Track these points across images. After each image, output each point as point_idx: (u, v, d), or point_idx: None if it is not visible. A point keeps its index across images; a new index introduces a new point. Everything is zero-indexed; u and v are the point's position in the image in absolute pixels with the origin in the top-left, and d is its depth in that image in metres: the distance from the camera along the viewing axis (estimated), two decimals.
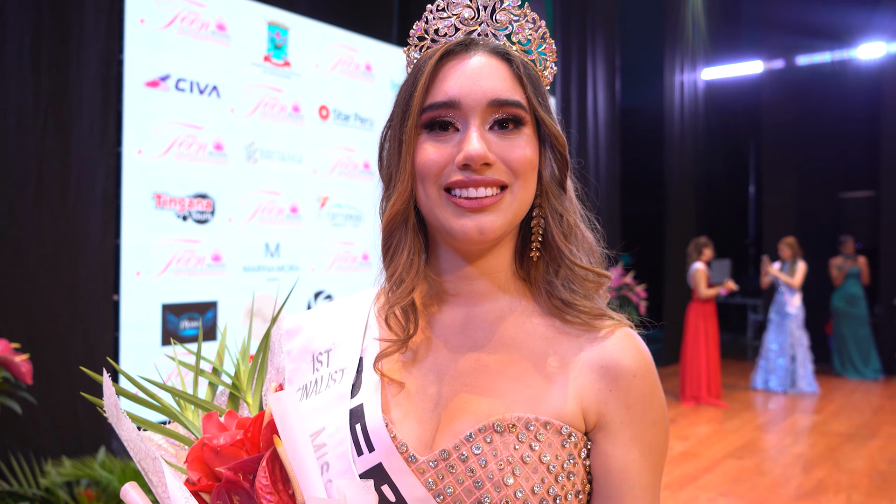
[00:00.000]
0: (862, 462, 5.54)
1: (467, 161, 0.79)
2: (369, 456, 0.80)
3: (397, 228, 0.88)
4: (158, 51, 3.76)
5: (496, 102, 0.81)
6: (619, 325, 0.85)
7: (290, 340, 0.96)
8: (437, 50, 0.85)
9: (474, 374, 0.84)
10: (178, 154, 3.83)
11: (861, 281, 9.10)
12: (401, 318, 0.87)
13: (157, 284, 3.76)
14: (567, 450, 0.79)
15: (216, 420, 0.86)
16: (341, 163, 4.77)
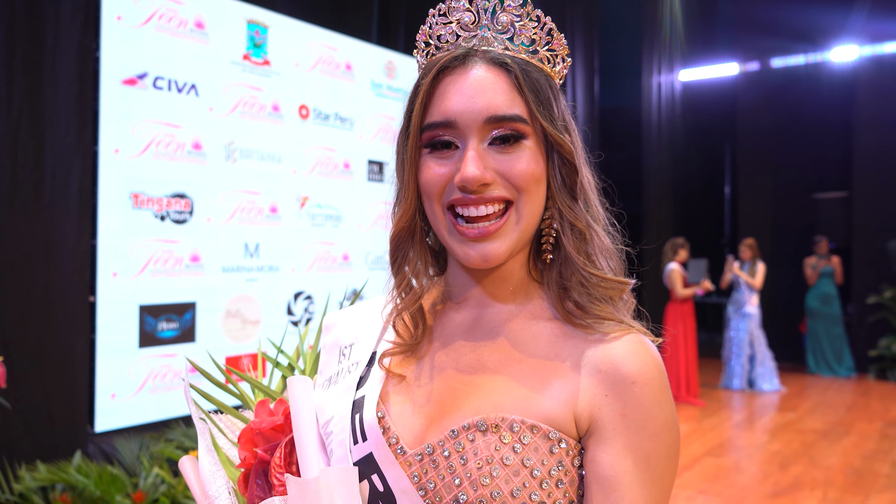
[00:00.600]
0: (837, 459, 5.61)
1: (464, 184, 0.79)
2: (363, 445, 0.82)
3: (403, 243, 0.90)
4: (136, 48, 3.70)
5: (493, 119, 0.80)
6: (629, 331, 0.82)
7: (326, 335, 1.00)
8: (433, 66, 0.84)
9: (472, 371, 0.84)
10: (155, 153, 3.78)
11: (835, 280, 9.23)
12: (409, 324, 0.89)
13: (134, 285, 3.70)
14: (556, 456, 0.77)
15: (267, 406, 0.95)
16: (321, 162, 4.74)
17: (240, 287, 4.22)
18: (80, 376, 3.55)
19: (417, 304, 0.88)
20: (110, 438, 3.66)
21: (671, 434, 0.79)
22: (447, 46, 0.86)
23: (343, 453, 0.82)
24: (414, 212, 0.87)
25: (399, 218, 0.88)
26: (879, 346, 9.18)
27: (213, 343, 4.05)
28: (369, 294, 5.09)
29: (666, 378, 0.81)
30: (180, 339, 3.91)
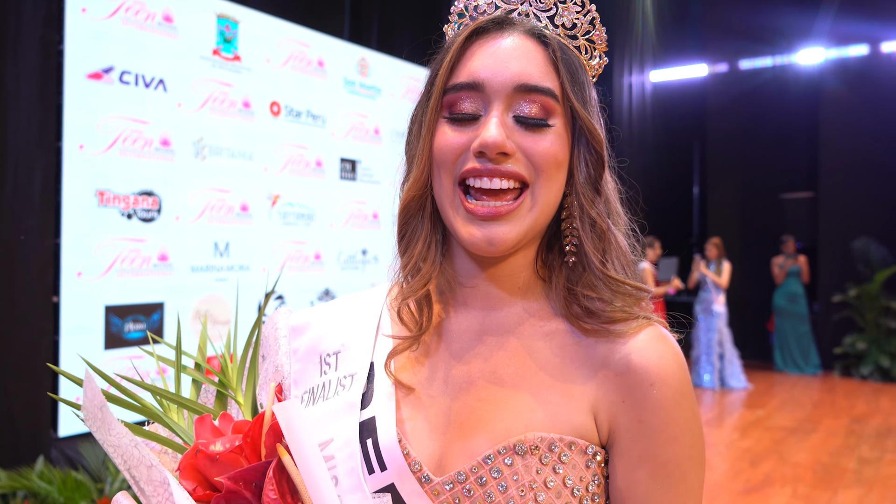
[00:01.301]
0: (805, 455, 5.69)
1: (482, 148, 0.72)
2: (381, 475, 0.74)
3: (413, 216, 0.82)
4: (101, 42, 3.60)
5: (523, 88, 0.74)
6: (644, 325, 0.76)
7: (297, 338, 0.89)
8: (468, 27, 0.77)
9: (489, 386, 0.77)
10: (122, 150, 3.68)
11: (801, 279, 9.38)
12: (414, 312, 0.82)
13: (99, 285, 3.60)
14: (591, 470, 0.73)
15: (210, 423, 0.80)
16: (293, 160, 4.66)
17: (209, 287, 4.13)
18: (43, 379, 3.44)
19: (425, 290, 0.80)
20: (74, 443, 3.56)
21: (692, 434, 0.74)
22: (485, 14, 0.80)
23: (355, 483, 0.73)
24: (426, 181, 0.79)
25: (409, 186, 0.80)
26: (844, 344, 9.35)
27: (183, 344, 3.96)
28: (340, 293, 5.03)
29: (686, 372, 0.75)
30: (148, 341, 3.81)
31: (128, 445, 0.75)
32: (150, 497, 0.75)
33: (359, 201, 5.22)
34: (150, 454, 0.76)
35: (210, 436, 0.79)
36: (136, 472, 0.76)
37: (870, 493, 4.80)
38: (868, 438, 6.21)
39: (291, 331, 0.91)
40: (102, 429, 0.76)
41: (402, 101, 5.69)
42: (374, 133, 5.36)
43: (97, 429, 0.77)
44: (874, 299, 9.14)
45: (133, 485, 0.77)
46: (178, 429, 0.88)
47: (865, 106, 9.37)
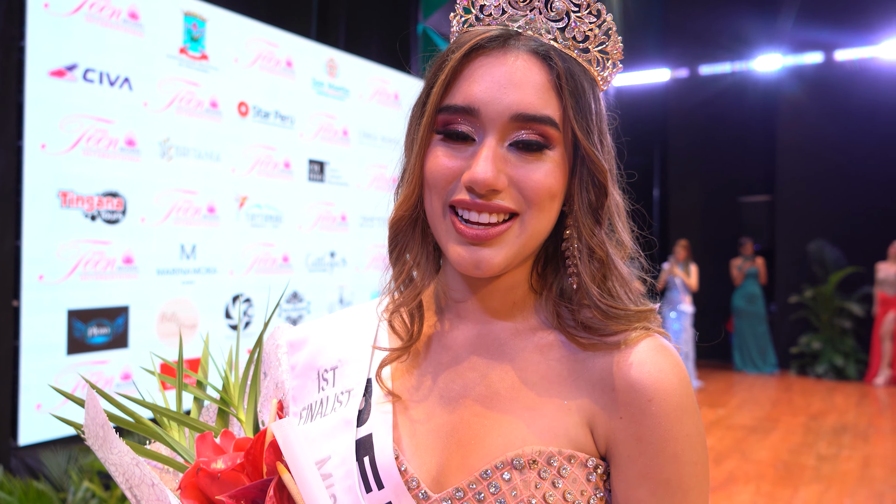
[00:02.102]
0: (766, 453, 5.82)
1: (472, 185, 0.70)
2: (378, 494, 0.73)
3: (402, 232, 0.81)
4: (64, 38, 3.50)
5: (520, 118, 0.71)
6: (643, 336, 0.74)
7: (295, 354, 0.89)
8: (468, 42, 0.73)
9: (486, 401, 0.76)
10: (86, 149, 3.58)
11: (759, 280, 9.60)
12: (406, 320, 0.80)
13: (62, 289, 3.50)
14: (593, 483, 0.72)
15: (211, 441, 0.80)
16: (261, 161, 4.60)
17: (175, 290, 4.05)
18: (2, 386, 3.33)
19: (417, 301, 0.80)
20: (35, 452, 3.45)
21: (694, 449, 0.72)
22: (489, 20, 0.76)
23: (353, 501, 0.72)
24: (417, 198, 0.78)
25: (400, 203, 0.79)
26: (800, 344, 9.60)
27: (148, 349, 3.87)
28: (308, 296, 4.98)
29: (689, 385, 0.73)
30: (112, 346, 3.72)
31: (129, 464, 0.74)
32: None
33: (327, 203, 5.17)
34: (151, 473, 0.74)
35: (211, 454, 0.79)
36: (138, 490, 0.75)
37: (829, 489, 4.93)
38: (825, 435, 6.38)
39: (290, 346, 0.90)
40: (104, 447, 0.75)
41: (370, 102, 5.66)
42: (342, 134, 5.32)
43: (98, 447, 0.76)
44: (828, 300, 9.41)
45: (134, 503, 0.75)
46: (179, 447, 0.86)
47: (820, 112, 9.64)
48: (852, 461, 5.59)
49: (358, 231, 5.50)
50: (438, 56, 0.78)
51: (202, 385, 0.95)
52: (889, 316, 8.73)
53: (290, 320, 4.85)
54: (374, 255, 5.69)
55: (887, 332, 8.75)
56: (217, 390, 0.92)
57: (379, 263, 5.73)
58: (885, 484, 5.05)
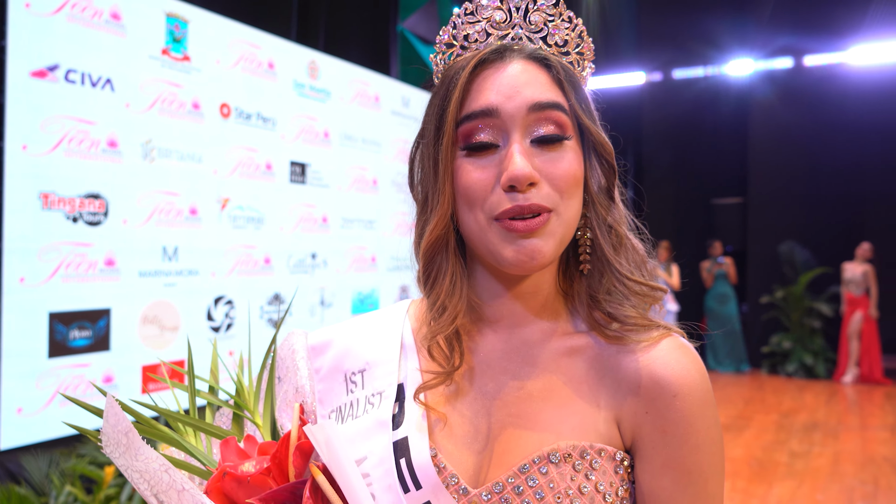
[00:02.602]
0: (740, 450, 5.94)
1: (512, 182, 0.74)
2: (416, 494, 0.76)
3: (438, 253, 0.83)
4: (46, 39, 3.47)
5: (537, 106, 0.76)
6: (664, 336, 0.79)
7: (318, 358, 0.91)
8: (470, 59, 0.79)
9: (519, 403, 0.80)
10: (67, 151, 3.55)
11: (729, 280, 9.75)
12: (445, 349, 0.82)
13: (43, 291, 3.47)
14: (620, 475, 0.77)
15: (235, 446, 0.81)
16: (243, 163, 4.59)
17: (157, 292, 4.02)
18: None
19: (454, 327, 0.82)
20: (16, 456, 3.41)
21: (713, 441, 0.77)
22: (476, 46, 0.82)
23: (394, 499, 0.76)
24: (449, 220, 0.81)
25: (433, 226, 0.81)
26: (771, 343, 9.79)
27: (130, 351, 3.85)
28: (290, 298, 4.98)
29: (707, 381, 0.79)
30: (94, 348, 3.69)
31: (157, 470, 0.75)
32: None
33: (308, 205, 5.17)
34: (182, 478, 0.76)
35: (235, 458, 0.81)
36: (165, 496, 0.76)
37: (802, 485, 5.05)
38: (797, 433, 6.52)
39: (311, 351, 0.93)
40: (127, 454, 0.76)
41: (351, 104, 5.67)
42: (323, 136, 5.33)
43: (120, 454, 0.76)
44: (799, 300, 9.60)
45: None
46: (198, 452, 0.88)
47: (791, 116, 9.84)
48: (823, 457, 5.73)
49: (339, 233, 5.51)
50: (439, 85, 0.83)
51: (214, 390, 0.96)
52: (856, 315, 8.94)
53: (271, 323, 4.84)
54: (355, 256, 5.70)
55: (854, 332, 8.96)
56: (231, 395, 0.94)
57: (359, 265, 5.74)
58: (854, 479, 5.18)
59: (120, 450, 0.76)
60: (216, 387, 0.97)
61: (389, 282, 6.09)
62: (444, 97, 0.80)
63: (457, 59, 0.82)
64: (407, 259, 0.91)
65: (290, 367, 0.96)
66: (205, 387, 1.03)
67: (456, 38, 0.83)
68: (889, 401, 7.99)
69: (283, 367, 0.97)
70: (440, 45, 0.85)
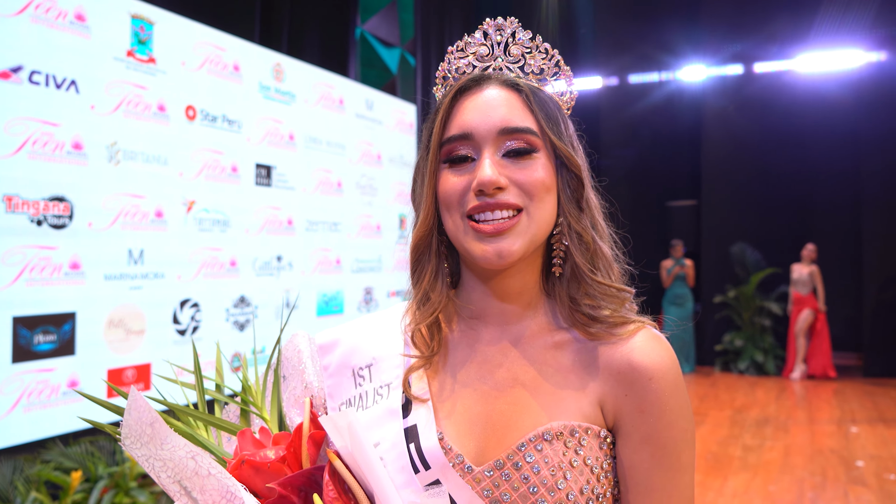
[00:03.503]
0: (697, 446, 6.13)
1: (480, 186, 0.85)
2: (426, 473, 0.84)
3: (422, 253, 0.95)
4: (9, 40, 3.42)
5: (506, 130, 0.87)
6: (639, 328, 0.89)
7: (327, 356, 0.99)
8: (452, 88, 0.91)
9: (514, 391, 0.90)
10: (31, 153, 3.51)
11: (687, 282, 9.98)
12: (426, 336, 0.94)
13: (6, 295, 3.42)
14: (604, 451, 0.87)
15: (251, 437, 0.88)
16: (209, 165, 4.58)
17: (123, 296, 4.00)
18: None
19: (434, 317, 0.93)
20: None
21: (685, 418, 0.87)
22: (464, 74, 0.95)
23: (407, 478, 0.84)
24: (432, 222, 0.93)
25: (419, 227, 0.93)
26: (724, 341, 10.07)
27: (95, 355, 3.82)
28: (256, 300, 4.98)
29: (678, 367, 0.89)
30: (59, 353, 3.65)
31: (183, 458, 0.81)
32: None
33: (274, 207, 5.17)
34: (209, 463, 0.81)
35: (252, 448, 0.87)
36: (189, 482, 0.81)
37: (755, 478, 5.24)
38: (749, 428, 6.75)
39: (319, 349, 1.01)
40: (151, 444, 0.81)
41: (315, 107, 5.69)
42: (288, 139, 5.34)
43: (143, 444, 0.82)
44: (750, 300, 9.91)
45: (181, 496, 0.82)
46: (211, 445, 0.94)
47: (742, 121, 10.16)
48: (775, 451, 5.95)
49: (304, 235, 5.52)
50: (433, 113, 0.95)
51: (220, 388, 1.03)
52: (802, 314, 9.27)
53: (237, 325, 4.84)
54: (320, 258, 5.72)
55: (801, 329, 9.30)
56: (237, 392, 1.00)
57: (324, 267, 5.76)
58: (804, 471, 5.40)
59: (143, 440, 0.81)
60: (223, 385, 1.03)
61: (354, 283, 6.12)
62: (432, 121, 0.93)
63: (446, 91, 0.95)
64: (372, 260, 1.01)
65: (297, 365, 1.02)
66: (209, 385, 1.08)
67: (449, 72, 0.96)
68: (835, 396, 8.31)
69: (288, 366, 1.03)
70: (438, 79, 0.97)
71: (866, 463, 5.61)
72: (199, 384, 0.99)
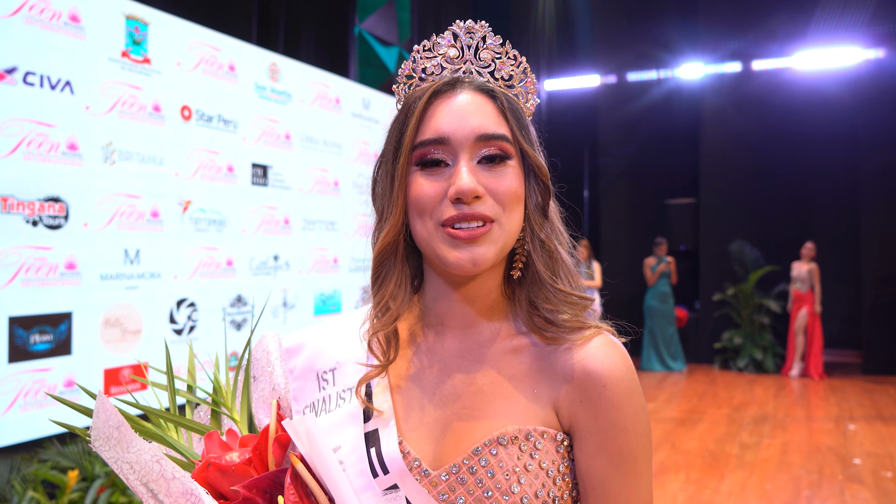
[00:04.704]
0: (694, 443, 6.14)
1: (459, 195, 0.84)
2: (385, 478, 0.85)
3: (387, 259, 0.94)
4: (4, 41, 3.43)
5: (483, 137, 0.87)
6: (595, 334, 0.90)
7: (292, 359, 0.99)
8: (427, 90, 0.90)
9: (471, 395, 0.90)
10: (26, 154, 3.52)
11: (670, 280, 9.93)
12: (382, 344, 0.93)
13: (2, 296, 3.43)
14: (561, 454, 0.87)
15: (218, 439, 0.89)
16: (204, 165, 4.59)
17: (119, 296, 4.01)
18: None
19: (393, 326, 0.92)
20: None
21: (641, 423, 0.88)
22: (432, 78, 0.93)
23: (366, 482, 0.85)
24: (401, 227, 0.91)
25: (385, 233, 0.91)
26: (723, 339, 10.08)
27: (92, 355, 3.83)
28: (252, 299, 4.99)
29: (633, 372, 0.90)
30: (55, 353, 3.66)
31: (149, 461, 0.82)
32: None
33: (270, 207, 5.19)
34: (173, 466, 0.82)
35: (219, 450, 0.88)
36: (155, 485, 0.82)
37: (752, 476, 5.25)
38: (747, 426, 6.76)
39: (286, 352, 1.01)
40: (118, 447, 0.82)
41: (311, 106, 5.70)
42: (284, 138, 5.35)
43: (110, 448, 0.82)
44: (749, 297, 9.92)
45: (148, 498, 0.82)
46: (180, 446, 0.94)
47: (740, 119, 10.16)
48: (772, 449, 5.96)
49: (300, 234, 5.53)
50: (399, 112, 0.94)
51: (192, 389, 1.03)
52: (801, 312, 9.27)
53: (234, 324, 4.85)
54: (317, 258, 5.73)
55: (800, 327, 9.30)
56: (208, 393, 1.00)
57: (321, 266, 5.77)
58: (801, 469, 5.41)
59: (111, 443, 0.82)
60: (194, 386, 1.03)
61: (351, 283, 6.13)
62: (402, 122, 0.91)
63: (415, 90, 0.93)
64: (369, 260, 1.00)
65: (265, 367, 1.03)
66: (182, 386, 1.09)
67: (415, 71, 0.95)
68: (833, 393, 8.32)
69: (258, 367, 1.04)
70: (401, 77, 0.96)
71: (863, 460, 5.61)
72: (171, 385, 1.00)
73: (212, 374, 1.03)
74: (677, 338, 10.01)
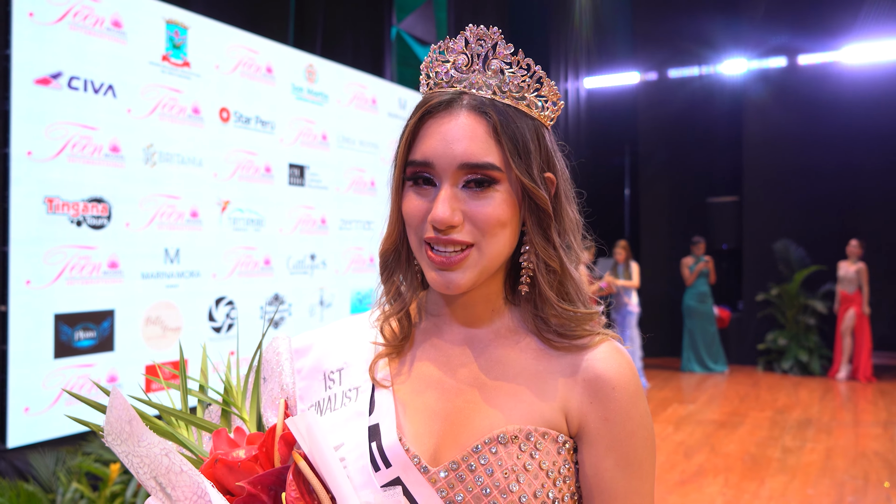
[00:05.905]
0: (734, 446, 6.03)
1: (433, 223, 0.86)
2: (386, 471, 0.86)
3: (392, 259, 0.98)
4: (49, 47, 3.55)
5: (466, 166, 0.86)
6: (603, 340, 0.92)
7: (300, 359, 1.01)
8: (421, 108, 0.91)
9: (474, 391, 0.92)
10: (71, 156, 3.64)
11: (709, 280, 9.72)
12: (395, 328, 0.97)
13: (48, 293, 3.55)
14: (562, 456, 0.88)
15: (226, 436, 0.91)
16: (242, 166, 4.67)
17: (160, 294, 4.11)
18: None
19: (405, 310, 0.97)
20: (24, 454, 3.50)
21: (646, 427, 0.90)
22: (443, 84, 0.93)
23: (366, 479, 0.86)
24: (398, 235, 0.95)
25: (385, 239, 0.97)
26: (767, 340, 9.86)
27: (133, 352, 3.93)
28: (290, 298, 5.06)
29: (638, 378, 0.92)
30: (98, 349, 3.77)
31: (158, 455, 0.84)
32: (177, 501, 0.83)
33: (307, 206, 5.25)
34: (181, 460, 0.84)
35: (226, 447, 0.89)
36: (164, 479, 0.84)
37: (793, 480, 5.13)
38: (790, 429, 6.61)
39: (294, 353, 1.03)
40: (129, 441, 0.84)
41: (348, 107, 5.75)
42: (321, 139, 5.41)
43: (122, 442, 0.85)
44: (794, 298, 9.69)
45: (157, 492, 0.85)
46: (189, 443, 0.97)
47: (784, 115, 9.92)
48: (815, 453, 5.82)
49: (337, 234, 5.59)
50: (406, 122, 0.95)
51: (203, 388, 1.05)
52: (849, 313, 9.02)
53: (272, 323, 4.93)
54: (353, 257, 5.78)
55: (847, 329, 9.05)
56: (218, 393, 1.03)
57: (358, 265, 5.83)
58: (845, 474, 5.27)
59: (122, 437, 0.85)
60: (206, 386, 1.06)
61: None
62: (400, 136, 0.93)
63: (428, 92, 0.95)
64: None
65: (275, 368, 1.06)
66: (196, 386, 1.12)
67: (431, 72, 0.95)
68: (882, 397, 8.08)
69: (268, 369, 1.07)
70: (423, 76, 0.96)
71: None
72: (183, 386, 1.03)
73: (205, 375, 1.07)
74: (719, 339, 9.81)
